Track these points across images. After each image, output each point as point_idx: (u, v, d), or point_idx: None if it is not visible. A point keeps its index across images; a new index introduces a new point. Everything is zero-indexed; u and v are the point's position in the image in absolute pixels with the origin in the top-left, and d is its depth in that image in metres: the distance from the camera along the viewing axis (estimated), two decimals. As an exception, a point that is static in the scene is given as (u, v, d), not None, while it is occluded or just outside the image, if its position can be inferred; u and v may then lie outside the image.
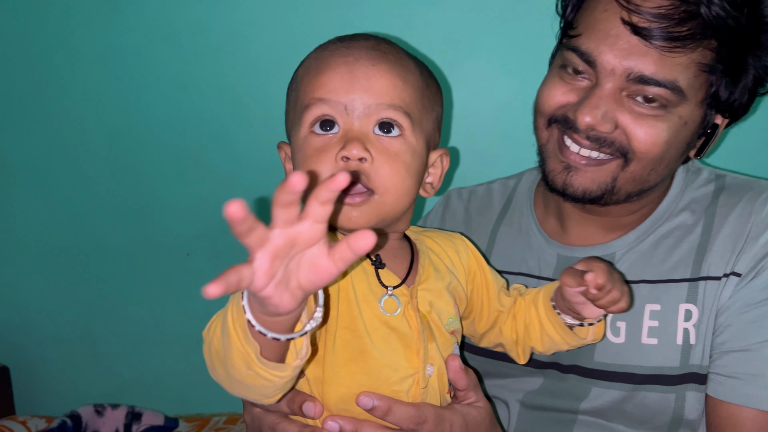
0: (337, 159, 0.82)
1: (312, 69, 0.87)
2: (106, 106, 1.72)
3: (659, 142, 0.99)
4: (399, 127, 0.86)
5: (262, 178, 1.69)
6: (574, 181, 1.03)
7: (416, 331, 0.88)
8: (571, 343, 1.01)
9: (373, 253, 0.90)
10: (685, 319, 1.04)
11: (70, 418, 1.58)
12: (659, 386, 1.04)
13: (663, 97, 0.97)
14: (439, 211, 1.34)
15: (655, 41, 0.94)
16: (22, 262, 1.86)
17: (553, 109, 1.05)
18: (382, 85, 0.84)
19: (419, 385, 0.88)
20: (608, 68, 0.97)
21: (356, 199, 0.83)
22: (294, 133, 0.88)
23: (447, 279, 0.96)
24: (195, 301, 1.86)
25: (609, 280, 0.89)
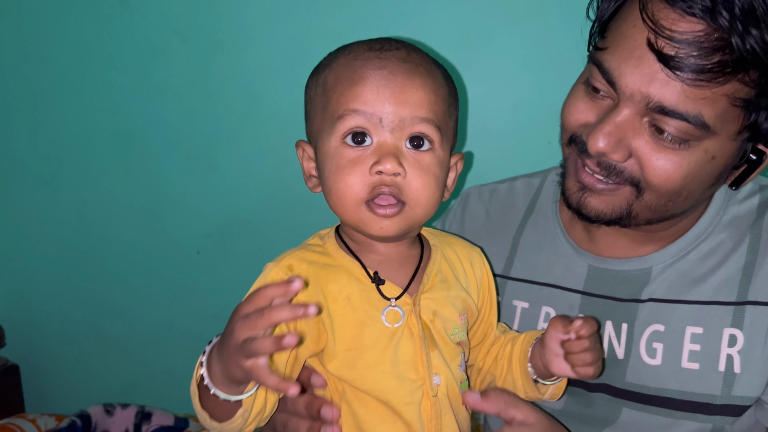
0: (372, 172, 0.84)
1: (345, 78, 0.86)
2: (117, 105, 1.72)
3: (675, 177, 0.91)
4: (429, 141, 0.87)
5: (272, 177, 1.69)
6: (588, 202, 0.98)
7: (418, 338, 0.88)
8: (528, 393, 0.98)
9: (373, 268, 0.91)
10: (729, 345, 0.98)
11: (79, 418, 1.58)
12: (698, 415, 0.99)
13: (684, 131, 0.88)
14: (458, 212, 1.29)
15: (678, 72, 0.85)
16: (32, 260, 1.86)
17: (573, 126, 0.99)
18: (416, 99, 0.85)
19: (429, 396, 0.87)
20: (627, 93, 0.90)
21: (388, 211, 0.85)
22: (323, 140, 0.88)
23: (454, 289, 0.95)
24: (205, 299, 1.88)
25: (592, 340, 0.89)
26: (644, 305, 1.04)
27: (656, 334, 1.02)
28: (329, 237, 0.94)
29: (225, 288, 1.77)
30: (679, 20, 0.85)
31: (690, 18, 0.84)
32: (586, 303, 1.08)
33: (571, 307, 1.09)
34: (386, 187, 0.84)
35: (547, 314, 1.12)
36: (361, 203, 0.85)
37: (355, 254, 0.91)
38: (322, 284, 0.87)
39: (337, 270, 0.89)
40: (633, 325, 1.04)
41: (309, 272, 0.88)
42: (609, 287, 1.07)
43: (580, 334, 0.88)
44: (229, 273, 1.75)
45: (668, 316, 1.02)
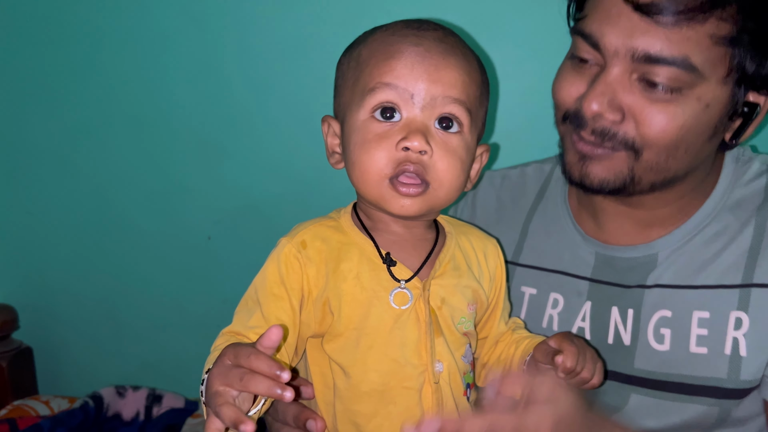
0: (398, 148, 0.83)
1: (380, 52, 0.86)
2: (130, 91, 1.72)
3: (672, 128, 0.92)
4: (459, 124, 0.86)
5: (283, 164, 1.69)
6: (590, 171, 0.98)
7: (424, 323, 0.87)
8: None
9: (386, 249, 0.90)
10: (735, 328, 0.98)
11: (92, 399, 1.60)
12: (706, 398, 0.99)
13: (674, 78, 0.89)
14: (470, 197, 1.29)
15: (656, 16, 0.86)
16: (46, 244, 1.88)
17: (566, 103, 1.00)
18: (450, 78, 0.85)
19: (430, 382, 0.87)
20: (611, 50, 0.91)
21: (411, 190, 0.85)
22: (351, 113, 0.87)
23: (465, 279, 0.94)
24: (216, 284, 1.89)
25: (580, 361, 0.87)
26: (650, 291, 1.04)
27: (663, 320, 1.02)
28: (345, 213, 0.94)
29: (235, 273, 1.77)
30: None
31: None
32: (594, 290, 1.09)
33: (579, 294, 1.10)
34: (411, 165, 0.83)
35: (555, 300, 1.12)
36: (385, 179, 0.85)
37: (369, 233, 0.91)
38: (334, 263, 0.87)
39: (349, 248, 0.89)
40: (639, 312, 1.04)
41: (322, 249, 0.88)
42: (616, 274, 1.07)
43: (565, 369, 0.86)
44: (239, 259, 1.76)
45: (675, 301, 1.02)
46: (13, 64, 1.76)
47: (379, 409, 0.87)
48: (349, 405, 0.88)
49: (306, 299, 0.87)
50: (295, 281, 0.87)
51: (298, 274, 0.87)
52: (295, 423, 0.92)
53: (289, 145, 1.66)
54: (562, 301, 1.12)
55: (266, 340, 0.69)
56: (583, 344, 0.91)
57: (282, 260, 0.87)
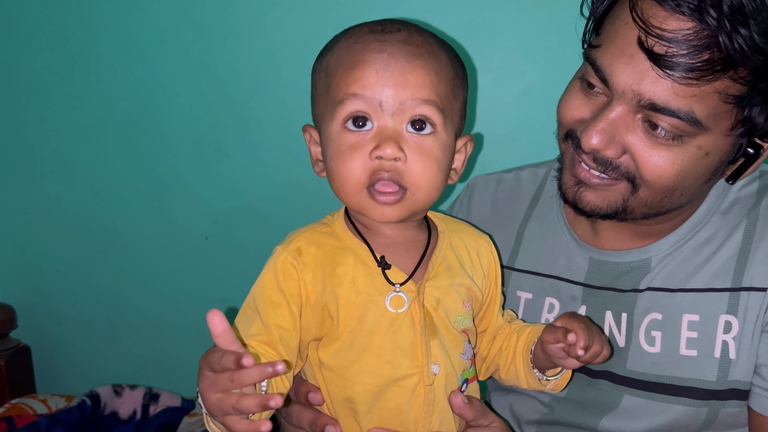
0: (371, 157, 0.83)
1: (345, 62, 0.86)
2: (127, 91, 1.73)
3: (669, 174, 0.92)
4: (431, 124, 0.86)
5: (280, 164, 1.70)
6: (584, 197, 0.99)
7: (419, 326, 0.88)
8: (531, 385, 0.99)
9: (380, 252, 0.91)
10: (724, 332, 0.99)
11: (89, 398, 1.60)
12: (692, 400, 1.00)
13: (676, 127, 0.89)
14: (465, 201, 1.30)
15: (668, 71, 0.86)
16: (44, 244, 1.88)
17: (568, 122, 1.00)
18: (417, 80, 0.84)
19: (424, 384, 0.88)
20: (619, 90, 0.91)
21: (390, 198, 0.85)
22: (325, 125, 0.88)
23: (459, 277, 0.95)
24: (213, 284, 1.89)
25: (590, 335, 0.89)
26: (642, 295, 1.05)
27: (654, 323, 1.03)
28: (339, 217, 0.95)
29: (232, 274, 1.78)
30: (668, 18, 0.86)
31: (679, 16, 0.85)
32: (588, 294, 1.10)
33: (574, 298, 1.11)
34: (386, 173, 0.84)
35: (550, 305, 1.13)
36: (362, 189, 0.85)
37: (363, 237, 0.91)
38: (330, 268, 0.88)
39: (344, 252, 0.90)
40: (632, 315, 1.05)
41: (317, 255, 0.89)
42: (609, 279, 1.08)
43: (581, 346, 0.87)
44: (236, 259, 1.77)
45: (666, 304, 1.03)
46: (10, 63, 1.77)
47: (372, 406, 0.88)
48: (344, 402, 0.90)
49: (305, 305, 0.88)
50: (293, 288, 0.87)
51: (296, 281, 0.87)
52: (311, 428, 0.92)
53: (287, 146, 1.67)
54: (557, 306, 1.13)
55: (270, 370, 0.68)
56: (587, 321, 0.92)
57: (279, 268, 0.88)
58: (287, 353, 0.87)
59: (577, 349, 0.87)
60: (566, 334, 0.87)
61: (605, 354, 0.91)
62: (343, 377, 0.88)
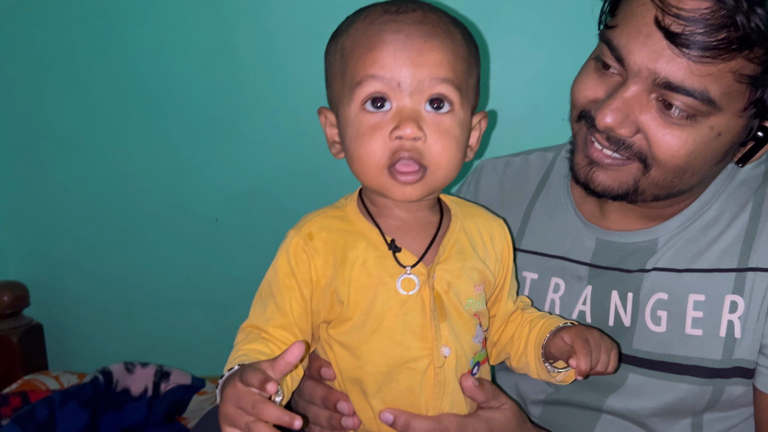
0: (392, 137, 0.84)
1: (362, 44, 0.86)
2: (141, 73, 1.74)
3: (681, 153, 0.93)
4: (449, 103, 0.87)
5: (291, 146, 1.70)
6: (595, 177, 1.00)
7: (428, 309, 0.89)
8: (540, 376, 1.00)
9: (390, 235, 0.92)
10: (730, 311, 1.00)
11: (102, 374, 1.62)
12: (697, 378, 1.02)
13: (690, 106, 0.90)
14: (472, 185, 1.31)
15: (684, 49, 0.87)
16: (57, 223, 1.90)
17: (582, 102, 1.01)
18: (434, 59, 0.85)
19: (434, 366, 0.89)
20: (635, 69, 0.92)
21: (410, 178, 0.86)
22: (343, 107, 0.88)
23: (471, 261, 0.96)
24: (223, 265, 1.91)
25: (594, 358, 0.89)
26: (648, 275, 1.06)
27: (660, 303, 1.04)
28: (351, 201, 0.96)
29: (243, 255, 1.80)
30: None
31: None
32: (594, 275, 1.11)
33: (580, 278, 1.12)
34: (406, 152, 0.85)
35: (556, 285, 1.14)
36: (383, 169, 0.86)
37: (374, 219, 0.92)
38: (341, 252, 0.90)
39: (355, 236, 0.91)
40: (638, 295, 1.06)
41: (328, 240, 0.90)
42: (616, 259, 1.09)
43: (581, 372, 0.88)
44: (246, 240, 1.78)
45: (672, 284, 1.04)
46: (26, 45, 1.78)
47: (383, 386, 0.90)
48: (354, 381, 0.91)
49: (315, 289, 0.90)
50: (305, 272, 0.89)
51: (307, 265, 0.89)
52: (324, 404, 0.94)
53: (298, 128, 1.68)
54: (563, 286, 1.14)
55: (289, 355, 0.73)
56: (597, 337, 0.93)
57: (291, 253, 0.90)
58: (302, 336, 0.89)
59: (576, 373, 0.89)
60: (570, 356, 0.89)
61: (610, 370, 0.92)
62: (354, 356, 0.90)
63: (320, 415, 0.95)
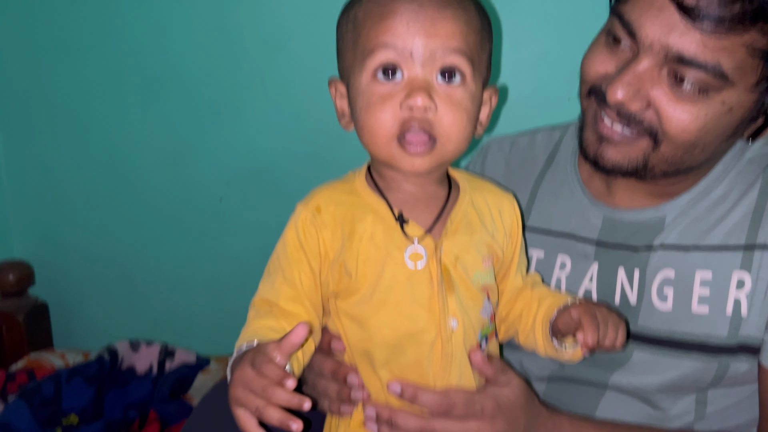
0: (402, 107, 0.84)
1: (374, 13, 0.86)
2: (143, 50, 1.73)
3: (692, 128, 0.93)
4: (461, 75, 0.86)
5: (295, 125, 1.70)
6: (605, 153, 0.99)
7: (436, 282, 0.90)
8: (548, 353, 1.00)
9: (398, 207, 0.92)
10: (737, 288, 1.00)
11: (107, 352, 1.64)
12: (702, 355, 1.01)
13: (702, 80, 0.89)
14: (479, 164, 1.30)
15: (698, 22, 0.86)
16: (62, 203, 1.91)
17: (592, 77, 1.00)
18: (447, 30, 0.84)
19: (441, 338, 0.90)
20: (647, 43, 0.91)
21: (419, 149, 0.86)
22: (354, 76, 0.88)
23: (479, 234, 0.95)
24: (227, 245, 1.91)
25: (601, 333, 0.89)
26: (655, 252, 1.06)
27: (667, 280, 1.04)
28: (360, 174, 0.96)
29: (246, 235, 1.80)
30: None
31: None
32: (600, 252, 1.11)
33: (586, 256, 1.12)
34: (416, 122, 0.84)
35: (562, 263, 1.14)
36: (393, 139, 0.85)
37: (382, 192, 0.92)
38: (349, 225, 0.90)
39: (363, 209, 0.91)
40: (645, 272, 1.06)
41: (336, 213, 0.90)
42: (623, 236, 1.09)
43: (588, 346, 0.88)
44: (250, 219, 1.79)
45: (679, 261, 1.04)
46: (30, 26, 1.78)
47: (391, 358, 0.90)
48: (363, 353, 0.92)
49: (323, 262, 0.90)
50: (313, 245, 0.90)
51: (315, 238, 0.89)
52: (333, 377, 0.95)
53: (302, 107, 1.67)
54: (569, 264, 1.14)
55: (294, 336, 0.73)
56: (604, 312, 0.93)
57: (299, 226, 0.90)
58: (312, 309, 0.90)
59: (583, 348, 0.89)
60: (577, 331, 0.89)
61: (618, 346, 0.92)
62: (362, 328, 0.90)
63: (329, 387, 0.96)
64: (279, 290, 0.89)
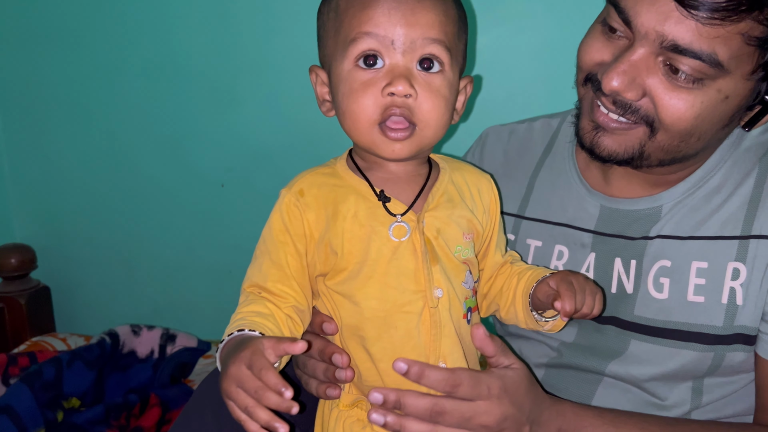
0: (384, 94, 0.86)
1: (356, 2, 0.88)
2: (143, 37, 1.73)
3: (688, 116, 0.93)
4: (439, 63, 0.89)
5: (295, 111, 1.70)
6: (601, 142, 1.00)
7: (420, 253, 0.91)
8: (529, 326, 1.02)
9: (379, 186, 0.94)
10: (732, 278, 1.01)
11: (108, 336, 1.64)
12: (698, 344, 1.02)
13: (698, 69, 0.89)
14: (477, 152, 1.31)
15: (693, 11, 0.86)
16: (64, 188, 1.92)
17: (588, 65, 1.00)
18: (427, 20, 0.87)
19: (428, 306, 0.91)
20: (642, 31, 0.91)
21: (399, 134, 0.88)
22: (336, 64, 0.90)
23: (459, 209, 0.97)
24: (227, 231, 1.92)
25: (579, 300, 0.91)
26: (652, 242, 1.06)
27: (663, 270, 1.04)
28: (341, 159, 0.98)
29: (247, 220, 1.80)
30: None
31: None
32: (597, 242, 1.11)
33: (583, 245, 1.12)
34: (397, 108, 0.87)
35: (560, 252, 1.15)
36: (374, 125, 0.88)
37: (363, 173, 0.94)
38: (332, 206, 0.92)
39: (345, 190, 0.93)
40: (641, 262, 1.07)
41: (319, 195, 0.92)
42: (620, 226, 1.09)
43: (566, 313, 0.90)
44: (251, 206, 1.79)
45: (675, 251, 1.04)
46: (28, 10, 1.77)
47: (382, 333, 0.91)
48: (354, 330, 0.93)
49: (309, 243, 0.92)
50: (298, 227, 0.92)
51: (299, 221, 0.92)
52: (321, 357, 0.96)
53: (301, 93, 1.66)
54: (566, 253, 1.14)
55: (291, 348, 0.76)
56: (581, 281, 0.94)
57: (284, 210, 0.92)
58: (300, 289, 0.92)
59: (561, 315, 0.91)
60: (555, 299, 0.91)
61: (595, 313, 0.94)
62: (352, 303, 0.92)
63: (317, 367, 0.97)
64: (266, 273, 0.91)
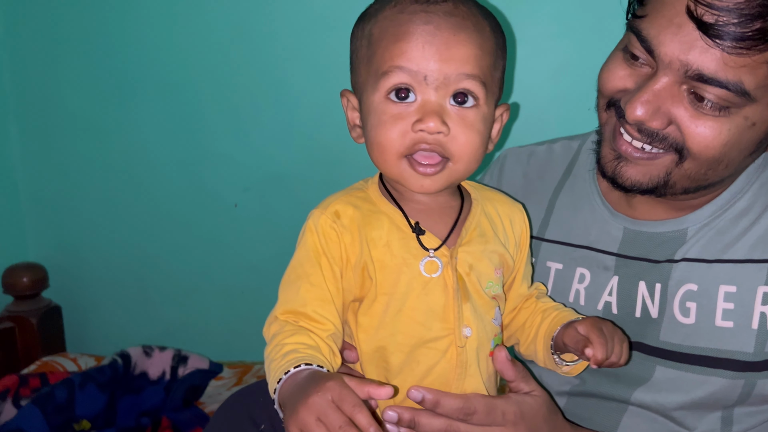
0: (414, 129, 0.85)
1: (390, 33, 0.86)
2: (162, 56, 1.74)
3: (716, 144, 0.91)
4: (474, 98, 0.87)
5: (311, 132, 1.70)
6: (624, 172, 0.98)
7: (451, 290, 0.89)
8: (547, 365, 1.00)
9: (414, 218, 0.92)
10: (762, 303, 0.98)
11: (120, 357, 1.63)
12: (728, 371, 1.00)
13: (723, 98, 0.88)
14: (495, 173, 1.29)
15: (718, 40, 0.85)
16: (77, 207, 1.91)
17: (611, 92, 0.99)
18: (462, 55, 0.85)
19: (456, 346, 0.89)
20: (665, 60, 0.89)
21: (429, 170, 0.87)
22: (367, 94, 0.88)
23: (492, 244, 0.96)
24: (241, 251, 1.90)
25: (609, 349, 0.89)
26: (677, 265, 1.04)
27: (689, 294, 1.02)
28: (372, 183, 0.96)
29: (261, 241, 1.80)
30: None
31: None
32: (621, 265, 1.09)
33: (606, 268, 1.10)
34: (427, 144, 0.85)
35: (581, 275, 1.13)
36: (401, 157, 0.86)
37: (396, 202, 0.93)
38: (366, 230, 0.90)
39: (379, 216, 0.91)
40: (667, 285, 1.04)
41: (355, 217, 0.90)
42: (644, 249, 1.08)
43: (597, 361, 0.88)
44: (265, 227, 1.78)
45: (702, 275, 1.02)
46: (48, 31, 1.78)
47: (404, 366, 0.90)
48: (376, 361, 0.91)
49: (345, 266, 0.90)
50: (335, 249, 0.89)
51: (336, 243, 0.89)
52: None
53: (319, 114, 1.67)
54: (588, 276, 1.12)
55: (377, 392, 0.75)
56: (610, 329, 0.92)
57: (320, 231, 0.90)
58: (338, 316, 0.89)
59: (592, 363, 0.88)
60: (585, 346, 0.88)
61: (622, 362, 0.92)
62: (377, 336, 0.90)
63: None
64: (305, 297, 0.88)
